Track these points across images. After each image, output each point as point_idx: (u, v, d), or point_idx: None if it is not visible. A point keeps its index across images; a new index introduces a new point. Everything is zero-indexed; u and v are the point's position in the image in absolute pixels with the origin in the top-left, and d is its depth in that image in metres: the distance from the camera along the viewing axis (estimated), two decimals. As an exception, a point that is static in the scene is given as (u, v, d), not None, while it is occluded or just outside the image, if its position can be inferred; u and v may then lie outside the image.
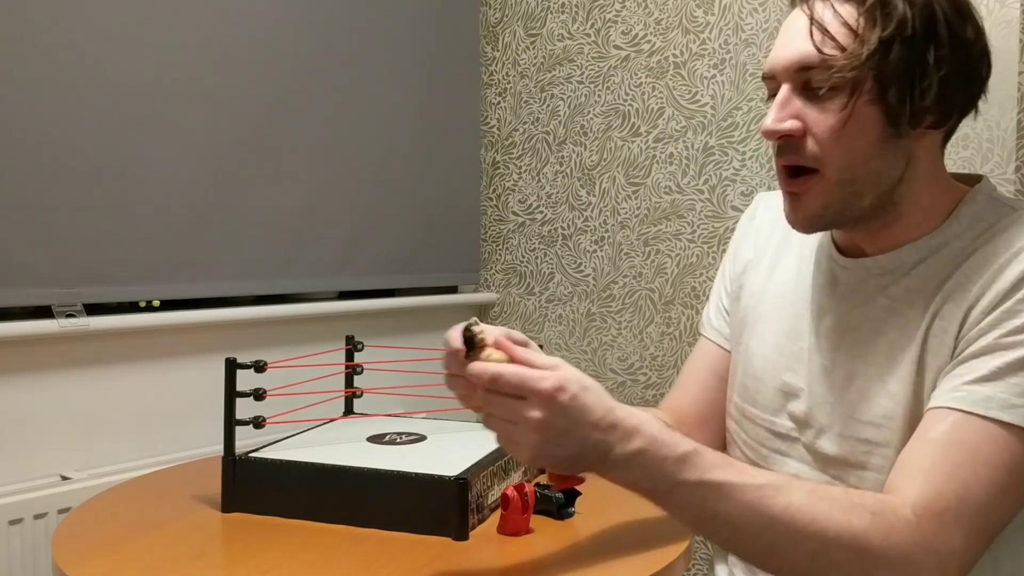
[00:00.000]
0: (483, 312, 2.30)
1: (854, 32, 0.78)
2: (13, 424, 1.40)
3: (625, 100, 2.03)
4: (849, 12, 0.79)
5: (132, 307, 1.54)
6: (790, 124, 0.81)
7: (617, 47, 2.04)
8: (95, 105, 1.44)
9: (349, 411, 1.45)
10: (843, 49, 0.78)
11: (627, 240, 2.03)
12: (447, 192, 2.14)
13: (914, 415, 0.81)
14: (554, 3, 2.13)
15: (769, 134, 0.82)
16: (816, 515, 0.71)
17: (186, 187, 1.58)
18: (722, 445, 1.05)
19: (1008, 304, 0.75)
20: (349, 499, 1.05)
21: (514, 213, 2.23)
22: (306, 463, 1.08)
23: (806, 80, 0.81)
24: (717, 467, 0.73)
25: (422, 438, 1.21)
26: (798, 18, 0.83)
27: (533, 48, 2.18)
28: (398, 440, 1.20)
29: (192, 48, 1.58)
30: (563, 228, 2.14)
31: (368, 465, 1.06)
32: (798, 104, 0.81)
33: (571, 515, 1.08)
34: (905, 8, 0.77)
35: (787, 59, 0.82)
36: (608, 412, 0.72)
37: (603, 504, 1.13)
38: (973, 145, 1.55)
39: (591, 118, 2.08)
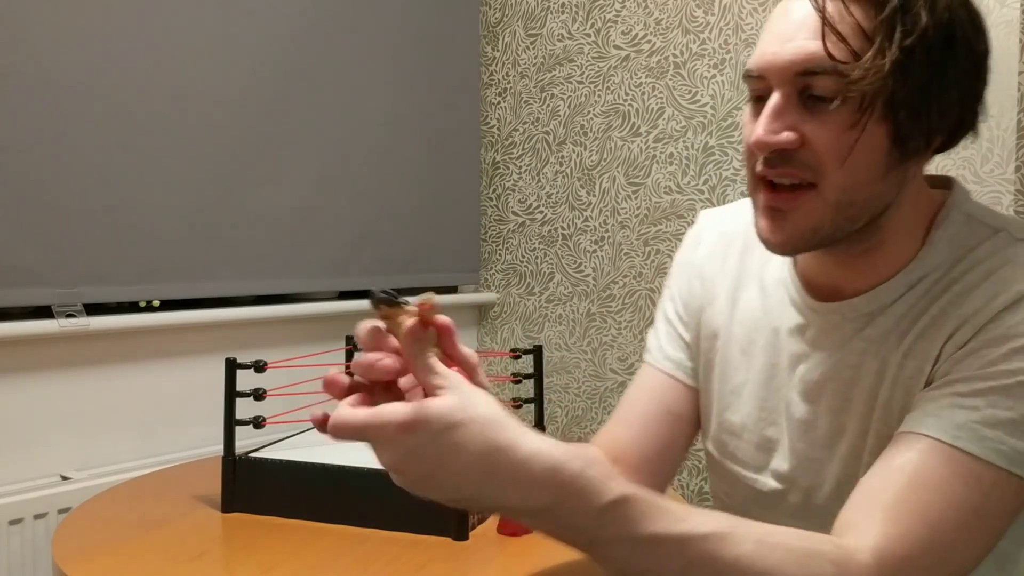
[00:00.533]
0: (483, 312, 2.30)
1: (868, 37, 0.67)
2: (13, 424, 1.40)
3: (625, 100, 2.03)
4: (863, 14, 0.67)
5: (132, 307, 1.54)
6: (787, 136, 0.69)
7: (617, 47, 2.04)
8: (95, 105, 1.44)
9: (349, 411, 1.44)
10: (856, 56, 0.66)
11: (627, 240, 2.03)
12: (447, 192, 2.14)
13: None
14: (554, 3, 2.13)
15: (761, 147, 0.70)
16: (768, 571, 0.60)
17: (186, 187, 1.58)
18: (664, 486, 0.91)
19: (986, 335, 0.69)
20: (349, 499, 1.05)
21: (514, 213, 2.23)
22: (306, 463, 1.08)
23: (806, 85, 0.69)
24: (649, 517, 0.58)
25: (422, 438, 1.21)
26: (797, 9, 0.70)
27: (533, 48, 2.18)
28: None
29: (192, 49, 1.58)
30: (563, 228, 2.14)
31: (368, 465, 1.06)
32: (795, 113, 0.70)
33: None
34: (927, 17, 0.67)
35: (787, 59, 0.69)
36: (490, 455, 0.55)
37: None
38: (973, 145, 1.55)
39: (591, 118, 2.08)
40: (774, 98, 0.70)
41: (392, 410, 0.56)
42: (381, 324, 0.59)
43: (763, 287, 0.87)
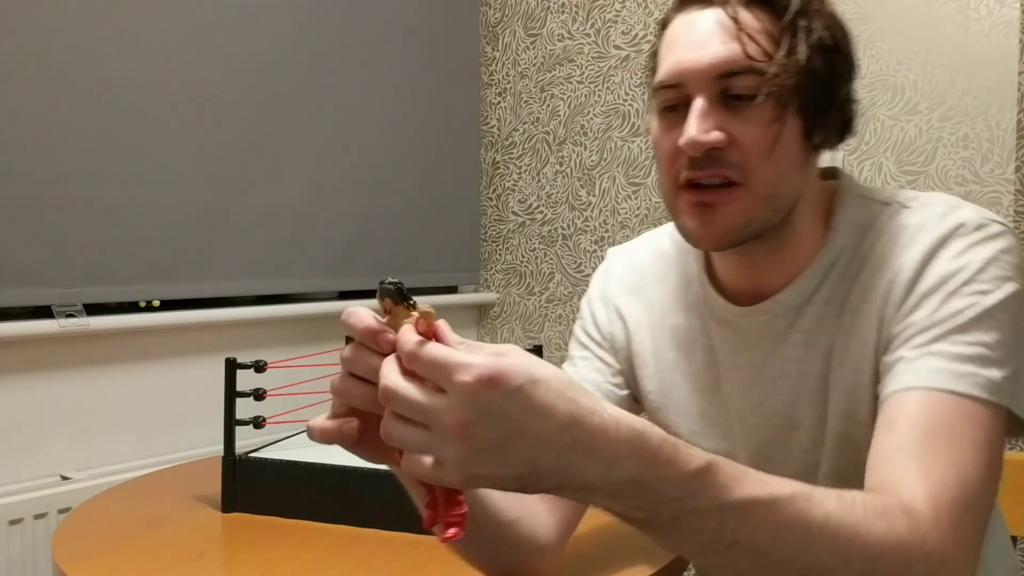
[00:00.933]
0: (483, 312, 2.30)
1: (774, 40, 0.73)
2: (13, 424, 1.40)
3: (625, 100, 2.03)
4: (767, 19, 0.74)
5: (132, 307, 1.54)
6: (716, 135, 0.72)
7: (617, 47, 2.04)
8: (95, 105, 1.44)
9: (349, 411, 1.44)
10: (768, 56, 0.72)
11: (627, 240, 2.03)
12: (447, 192, 2.14)
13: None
14: (554, 3, 2.13)
15: (695, 147, 0.72)
16: (858, 528, 0.58)
17: (186, 187, 1.58)
18: (578, 515, 0.88)
19: (920, 289, 0.73)
20: (349, 499, 1.05)
21: (514, 213, 2.23)
22: (306, 463, 1.08)
23: (726, 87, 0.73)
24: (737, 482, 0.55)
25: (422, 438, 1.21)
26: (703, 19, 0.75)
27: (533, 48, 2.18)
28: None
29: (192, 49, 1.58)
30: (563, 228, 2.14)
31: (368, 465, 1.06)
32: (719, 114, 0.73)
33: (571, 515, 1.08)
34: (819, 23, 0.75)
35: (706, 63, 0.73)
36: (576, 415, 0.49)
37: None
38: (973, 145, 1.55)
39: (591, 118, 2.08)
40: (698, 101, 0.73)
41: (467, 359, 0.48)
42: (382, 316, 0.56)
43: (687, 309, 0.89)
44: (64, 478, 1.43)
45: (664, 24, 0.82)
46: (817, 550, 0.57)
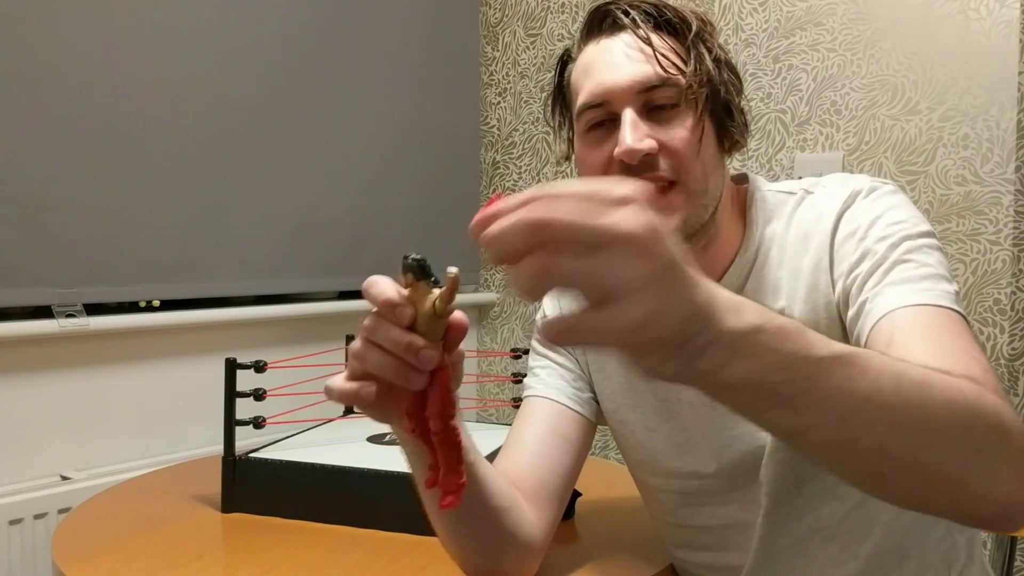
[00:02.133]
0: (483, 312, 2.30)
1: (681, 57, 0.82)
2: (13, 424, 1.40)
3: (625, 100, 2.03)
4: (672, 40, 0.83)
5: (132, 307, 1.54)
6: (650, 142, 0.80)
7: (617, 47, 2.03)
8: (95, 105, 1.44)
9: (349, 411, 1.45)
10: (679, 70, 0.81)
11: (627, 240, 2.03)
12: (447, 192, 2.14)
13: None
14: (554, 3, 2.13)
15: (633, 154, 0.79)
16: (950, 384, 0.55)
17: (186, 187, 1.58)
18: (559, 511, 0.91)
19: (852, 242, 0.80)
20: (349, 499, 1.05)
21: (514, 213, 2.23)
22: (306, 463, 1.08)
23: (646, 101, 0.81)
24: (857, 351, 0.53)
25: (422, 438, 1.21)
26: (617, 44, 0.83)
27: (533, 48, 2.17)
28: (398, 440, 1.20)
29: (192, 48, 1.58)
30: (563, 228, 2.14)
31: (368, 465, 1.06)
32: (645, 125, 0.81)
33: (571, 516, 1.08)
34: (713, 42, 0.84)
35: (627, 81, 0.81)
36: (698, 269, 0.47)
37: (603, 505, 1.14)
38: (973, 145, 1.55)
39: (591, 118, 2.08)
40: (628, 114, 0.81)
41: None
42: (403, 291, 0.58)
43: None
44: (64, 478, 1.43)
45: (567, 58, 0.90)
46: (935, 407, 0.54)
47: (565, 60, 0.90)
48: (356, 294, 1.92)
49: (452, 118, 2.15)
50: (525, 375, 1.23)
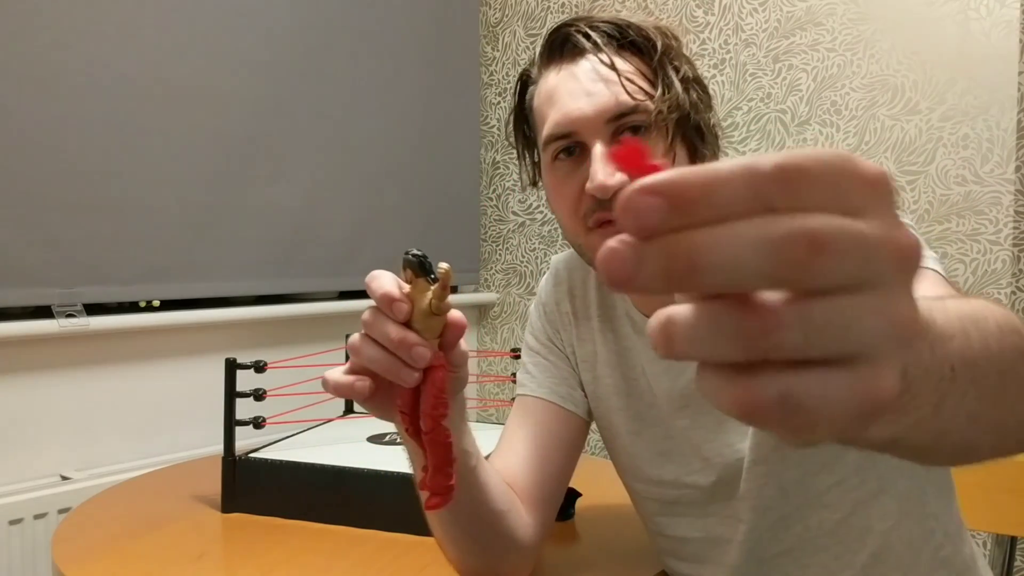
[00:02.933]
0: (483, 312, 2.30)
1: (649, 80, 0.78)
2: (13, 424, 1.40)
3: (625, 100, 2.03)
4: (639, 62, 0.79)
5: (132, 307, 1.54)
6: (620, 177, 0.75)
7: (617, 47, 2.03)
8: (95, 105, 1.44)
9: (349, 411, 1.45)
10: (647, 95, 0.77)
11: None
12: (447, 192, 2.14)
13: None
14: (554, 3, 2.13)
15: (605, 190, 0.75)
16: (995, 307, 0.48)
17: (186, 187, 1.58)
18: (553, 512, 0.90)
19: None
20: (349, 500, 1.05)
21: (514, 213, 2.23)
22: (306, 463, 1.08)
23: (616, 129, 0.77)
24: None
25: (422, 438, 1.21)
26: (581, 70, 0.79)
27: (533, 48, 2.17)
28: (398, 440, 1.20)
29: (192, 48, 1.58)
30: (563, 228, 2.14)
31: (368, 466, 1.06)
32: None
33: (571, 516, 1.08)
34: (681, 62, 0.80)
35: (595, 110, 0.77)
36: None
37: (603, 506, 1.14)
38: (973, 145, 1.55)
39: (591, 118, 2.08)
40: (597, 148, 0.76)
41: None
42: (404, 285, 0.58)
43: (602, 330, 0.93)
44: (64, 478, 1.43)
45: (526, 80, 0.86)
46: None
47: (525, 81, 0.86)
48: (356, 294, 1.92)
49: (452, 118, 2.15)
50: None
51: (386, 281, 0.58)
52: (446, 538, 0.80)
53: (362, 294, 1.95)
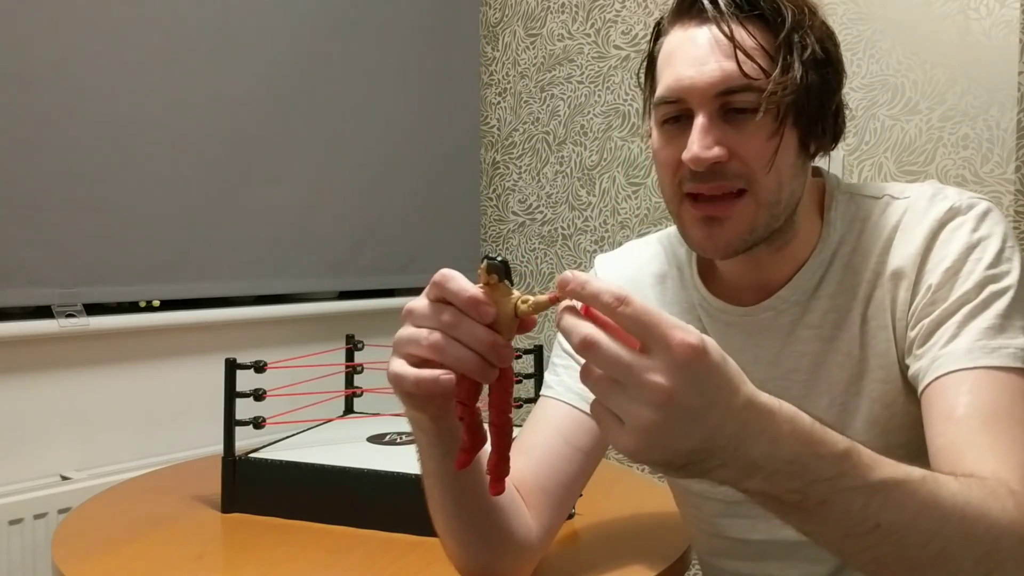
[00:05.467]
0: (483, 312, 2.30)
1: (770, 56, 0.75)
2: (13, 424, 1.40)
3: (625, 100, 2.03)
4: (763, 36, 0.76)
5: (132, 307, 1.54)
6: (718, 151, 0.75)
7: (617, 47, 2.03)
8: (95, 105, 1.44)
9: (349, 411, 1.44)
10: (765, 72, 0.75)
11: (627, 240, 2.03)
12: (447, 192, 2.14)
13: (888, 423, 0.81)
14: (554, 3, 2.13)
15: (698, 163, 0.75)
16: (980, 509, 0.59)
17: (186, 187, 1.58)
18: (560, 520, 0.89)
19: (927, 281, 0.77)
20: (350, 500, 1.05)
21: (514, 213, 2.23)
22: (306, 463, 1.08)
23: (725, 102, 0.76)
24: (877, 463, 0.57)
25: (422, 438, 1.21)
26: (701, 36, 0.77)
27: (533, 48, 2.17)
28: (398, 440, 1.20)
29: (192, 48, 1.58)
30: (563, 228, 2.14)
31: (369, 466, 1.06)
32: (719, 130, 0.76)
33: (571, 516, 1.08)
34: (812, 36, 0.77)
35: (707, 81, 0.75)
36: (751, 395, 0.52)
37: (604, 504, 1.13)
38: (973, 145, 1.55)
39: (591, 118, 2.08)
40: (700, 118, 0.76)
41: (678, 323, 0.50)
42: (482, 287, 0.60)
43: (686, 312, 0.92)
44: (64, 478, 1.43)
45: (659, 31, 0.84)
46: (948, 531, 0.58)
47: (658, 32, 0.84)
48: (356, 294, 1.92)
49: (452, 118, 2.15)
50: (529, 375, 1.23)
51: (465, 283, 0.60)
52: (447, 530, 0.80)
53: (362, 294, 1.95)
